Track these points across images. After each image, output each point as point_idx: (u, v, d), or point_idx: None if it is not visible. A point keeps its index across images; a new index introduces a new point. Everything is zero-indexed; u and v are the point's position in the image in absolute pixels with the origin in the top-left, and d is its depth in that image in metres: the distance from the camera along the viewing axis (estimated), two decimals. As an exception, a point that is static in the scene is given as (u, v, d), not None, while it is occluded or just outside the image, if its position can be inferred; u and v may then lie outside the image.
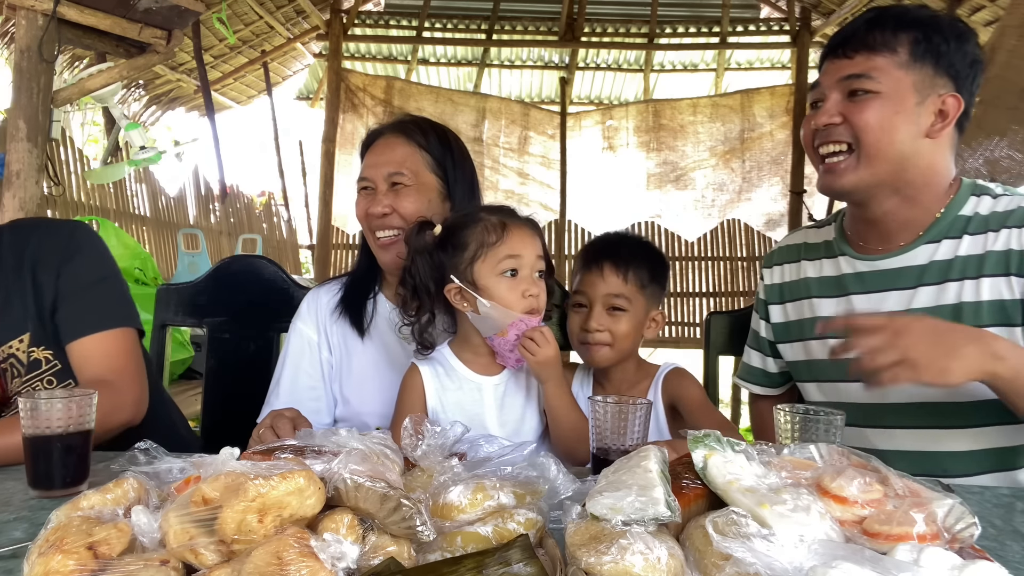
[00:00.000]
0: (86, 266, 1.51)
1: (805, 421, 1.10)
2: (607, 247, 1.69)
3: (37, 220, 1.60)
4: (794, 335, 1.62)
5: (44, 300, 1.47)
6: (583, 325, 1.64)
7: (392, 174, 1.56)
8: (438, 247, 1.42)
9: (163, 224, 6.61)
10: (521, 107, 7.46)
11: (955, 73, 1.37)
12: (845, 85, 1.38)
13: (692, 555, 0.74)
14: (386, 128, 1.66)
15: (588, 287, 1.65)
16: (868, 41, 1.37)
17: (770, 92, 7.11)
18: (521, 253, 1.38)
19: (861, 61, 1.37)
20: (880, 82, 1.35)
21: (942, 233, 1.41)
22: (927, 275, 1.41)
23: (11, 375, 1.47)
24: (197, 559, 0.72)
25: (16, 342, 1.47)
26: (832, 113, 1.38)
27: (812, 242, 1.63)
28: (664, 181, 7.29)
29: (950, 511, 0.75)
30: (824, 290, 1.56)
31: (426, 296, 1.42)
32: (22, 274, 1.47)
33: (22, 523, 0.98)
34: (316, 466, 0.81)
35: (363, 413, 1.59)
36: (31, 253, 1.49)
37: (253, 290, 2.03)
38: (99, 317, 1.48)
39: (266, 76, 7.14)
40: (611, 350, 1.64)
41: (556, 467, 0.96)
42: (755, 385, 1.77)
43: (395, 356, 1.61)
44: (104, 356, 1.45)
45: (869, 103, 1.35)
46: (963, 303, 1.36)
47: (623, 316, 1.63)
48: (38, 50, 3.12)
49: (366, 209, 1.57)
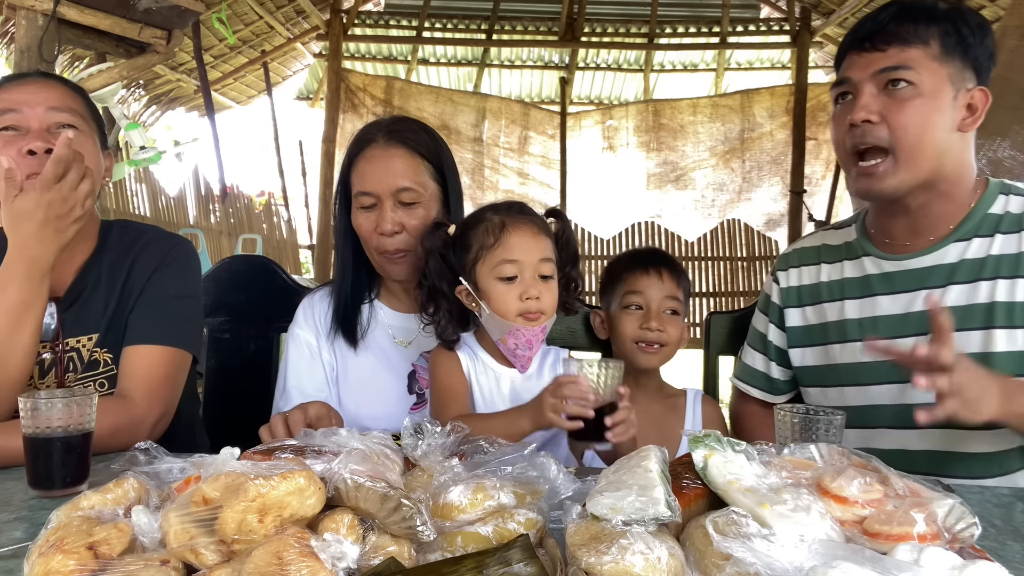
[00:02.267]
0: (172, 279, 1.54)
1: (805, 421, 1.10)
2: (659, 254, 1.74)
3: (146, 226, 1.61)
4: (816, 339, 1.58)
5: (126, 302, 1.50)
6: (641, 325, 1.66)
7: (401, 190, 1.48)
8: (452, 247, 1.41)
9: (163, 224, 6.61)
10: (521, 107, 7.46)
11: (979, 66, 1.35)
12: (882, 78, 1.34)
13: (692, 555, 0.74)
14: (379, 135, 1.54)
15: (646, 288, 1.67)
16: (901, 33, 1.34)
17: (770, 92, 7.12)
18: (518, 257, 1.34)
19: (895, 53, 1.34)
20: (919, 73, 1.32)
21: (972, 231, 1.39)
22: (958, 273, 1.38)
23: (67, 369, 1.48)
24: (197, 559, 0.72)
25: (84, 338, 1.49)
26: (871, 109, 1.34)
27: (832, 244, 1.60)
28: (664, 181, 7.30)
29: (950, 511, 0.75)
30: (849, 292, 1.52)
31: (441, 298, 1.41)
32: (117, 274, 1.50)
33: (22, 523, 0.98)
34: (316, 466, 0.81)
35: (361, 417, 1.58)
36: (134, 255, 1.52)
37: (253, 290, 2.03)
38: (160, 331, 1.49)
39: (266, 76, 7.15)
40: (665, 351, 1.67)
41: (556, 467, 0.96)
42: (754, 388, 1.72)
43: (393, 362, 1.61)
44: (146, 369, 1.45)
45: (909, 100, 1.32)
46: (996, 303, 1.34)
47: (677, 319, 1.68)
48: (38, 50, 3.12)
49: (374, 227, 1.49)
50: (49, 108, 1.44)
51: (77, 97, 1.51)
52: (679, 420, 1.71)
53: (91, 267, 1.49)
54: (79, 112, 1.48)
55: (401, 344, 1.62)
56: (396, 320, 1.64)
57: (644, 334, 1.65)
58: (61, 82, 1.51)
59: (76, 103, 1.49)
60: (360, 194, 1.51)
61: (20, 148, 1.39)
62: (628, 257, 1.77)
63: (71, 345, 1.48)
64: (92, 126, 1.51)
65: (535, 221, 1.39)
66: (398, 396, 1.58)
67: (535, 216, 1.42)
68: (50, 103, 1.44)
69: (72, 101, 1.48)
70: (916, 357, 1.14)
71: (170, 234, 1.63)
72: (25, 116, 1.41)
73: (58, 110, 1.44)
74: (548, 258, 1.38)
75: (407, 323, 1.63)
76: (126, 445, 1.33)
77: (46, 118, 1.43)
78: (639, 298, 1.67)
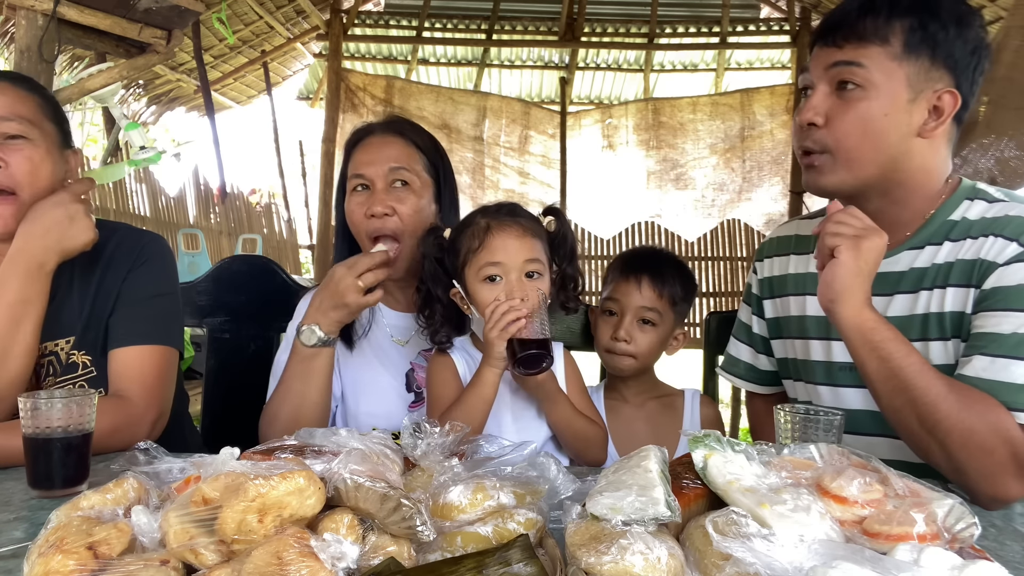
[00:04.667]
0: (149, 277, 1.52)
1: (805, 421, 1.10)
2: (647, 260, 1.70)
3: (117, 224, 1.59)
4: (783, 331, 1.56)
5: (103, 303, 1.49)
6: (612, 333, 1.66)
7: (395, 169, 1.52)
8: (447, 251, 1.41)
9: (163, 224, 6.62)
10: (521, 106, 7.46)
11: (953, 64, 1.25)
12: (833, 74, 1.28)
13: (692, 555, 0.74)
14: (376, 127, 1.61)
15: (623, 296, 1.66)
16: (859, 29, 1.26)
17: (770, 91, 7.12)
18: (501, 259, 1.34)
19: (850, 51, 1.26)
20: (871, 74, 1.25)
21: (926, 239, 1.32)
22: (903, 282, 1.33)
23: (47, 372, 1.48)
24: (197, 559, 0.72)
25: (63, 342, 1.48)
26: (818, 111, 1.29)
27: (804, 234, 1.56)
28: (664, 180, 7.29)
29: (950, 511, 0.75)
30: (811, 287, 1.46)
31: (436, 301, 1.42)
32: (91, 274, 1.49)
33: (22, 523, 0.98)
34: (316, 466, 0.81)
35: (358, 414, 1.59)
36: (107, 255, 1.50)
37: (253, 290, 2.03)
38: (145, 331, 1.48)
39: (266, 76, 7.15)
40: (635, 361, 1.66)
41: (556, 467, 0.96)
42: (740, 379, 1.69)
43: (391, 360, 1.61)
44: (138, 370, 1.45)
45: (854, 103, 1.26)
46: (930, 313, 1.29)
47: (652, 330, 1.66)
48: (38, 50, 3.12)
49: (366, 209, 1.51)
50: None
51: (29, 99, 1.42)
52: (677, 420, 1.71)
53: (63, 269, 1.43)
54: (28, 117, 1.40)
55: (399, 343, 1.62)
56: (394, 319, 1.64)
57: (612, 343, 1.66)
58: (12, 83, 1.43)
59: (26, 107, 1.41)
60: (354, 176, 1.55)
61: None
62: (623, 257, 1.76)
63: (49, 348, 1.46)
64: (47, 129, 1.44)
65: (521, 223, 1.38)
66: (396, 394, 1.59)
67: (523, 217, 1.40)
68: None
69: (20, 106, 1.40)
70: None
71: (141, 231, 1.60)
72: None
73: (4, 119, 1.37)
74: (534, 259, 1.37)
75: (405, 322, 1.64)
76: (126, 445, 1.33)
77: None
78: (615, 304, 1.68)
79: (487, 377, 1.32)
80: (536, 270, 1.36)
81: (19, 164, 1.38)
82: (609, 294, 1.71)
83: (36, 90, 1.47)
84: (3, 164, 1.37)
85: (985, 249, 1.25)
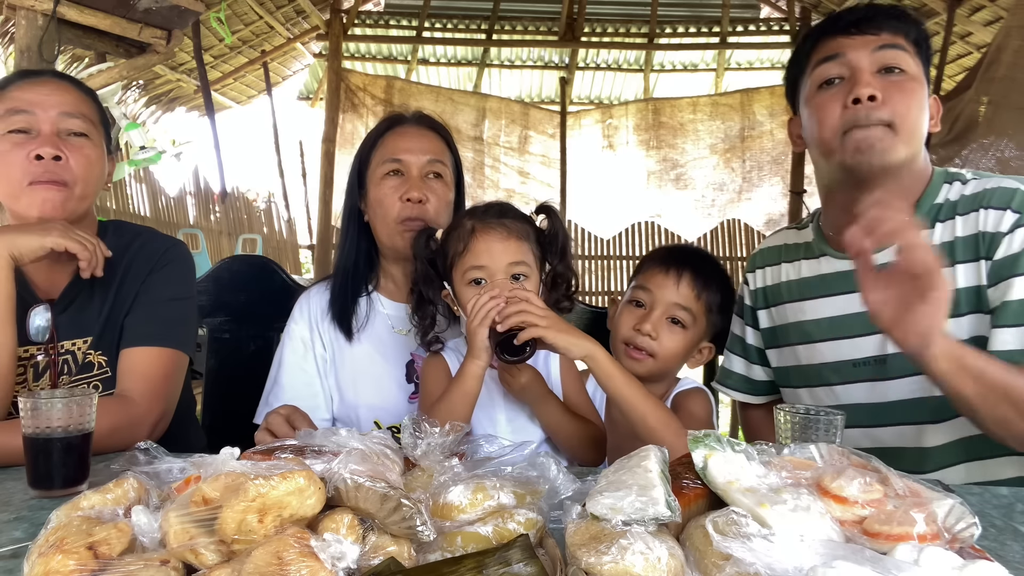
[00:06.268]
0: (167, 281, 1.54)
1: (805, 421, 1.09)
2: (691, 256, 1.58)
3: (140, 228, 1.62)
4: (781, 340, 1.58)
5: (121, 305, 1.50)
6: (636, 324, 1.52)
7: (432, 161, 1.57)
8: (437, 253, 1.42)
9: (163, 224, 6.61)
10: (521, 106, 7.46)
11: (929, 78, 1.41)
12: (878, 57, 1.35)
13: (692, 555, 0.74)
14: (410, 118, 1.66)
15: (657, 288, 1.53)
16: (892, 21, 1.37)
17: (770, 92, 7.11)
18: (485, 263, 1.34)
19: (888, 37, 1.36)
20: (911, 61, 1.36)
21: None
22: None
23: (62, 371, 1.48)
24: (197, 559, 0.72)
25: (80, 341, 1.49)
26: (875, 87, 1.32)
27: (792, 243, 1.59)
28: (664, 180, 7.29)
29: (950, 511, 0.75)
30: (807, 292, 1.52)
31: (428, 303, 1.43)
32: (112, 276, 1.49)
33: (22, 523, 0.98)
34: (316, 466, 0.81)
35: (359, 406, 1.59)
36: (128, 258, 1.52)
37: (253, 290, 2.04)
38: (156, 333, 1.49)
39: (266, 76, 7.14)
40: (654, 362, 1.52)
41: (556, 467, 0.96)
42: (735, 391, 1.70)
43: (389, 349, 1.62)
44: (145, 371, 1.46)
45: (905, 83, 1.34)
46: None
47: (680, 332, 1.53)
48: (38, 50, 3.11)
49: (402, 193, 1.54)
50: (62, 113, 1.42)
51: (89, 101, 1.50)
52: None
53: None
54: (90, 118, 1.47)
55: (400, 333, 1.63)
56: (394, 310, 1.66)
57: (634, 336, 1.53)
58: (75, 85, 1.50)
59: (88, 108, 1.48)
60: (391, 160, 1.57)
61: (29, 152, 1.38)
62: (666, 249, 1.65)
63: (66, 348, 1.47)
64: (100, 131, 1.50)
65: (507, 224, 1.37)
66: (397, 385, 1.60)
67: (510, 219, 1.39)
68: (63, 107, 1.43)
69: (84, 106, 1.47)
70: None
71: (164, 236, 1.62)
72: (37, 119, 1.40)
73: (71, 115, 1.43)
74: (519, 261, 1.36)
75: (405, 312, 1.64)
76: (126, 445, 1.33)
77: (58, 123, 1.41)
78: (645, 295, 1.54)
79: (470, 370, 1.31)
80: (521, 272, 1.36)
81: (78, 160, 1.42)
82: (640, 283, 1.57)
83: (91, 94, 1.53)
84: (63, 157, 1.40)
85: (981, 221, 1.31)
